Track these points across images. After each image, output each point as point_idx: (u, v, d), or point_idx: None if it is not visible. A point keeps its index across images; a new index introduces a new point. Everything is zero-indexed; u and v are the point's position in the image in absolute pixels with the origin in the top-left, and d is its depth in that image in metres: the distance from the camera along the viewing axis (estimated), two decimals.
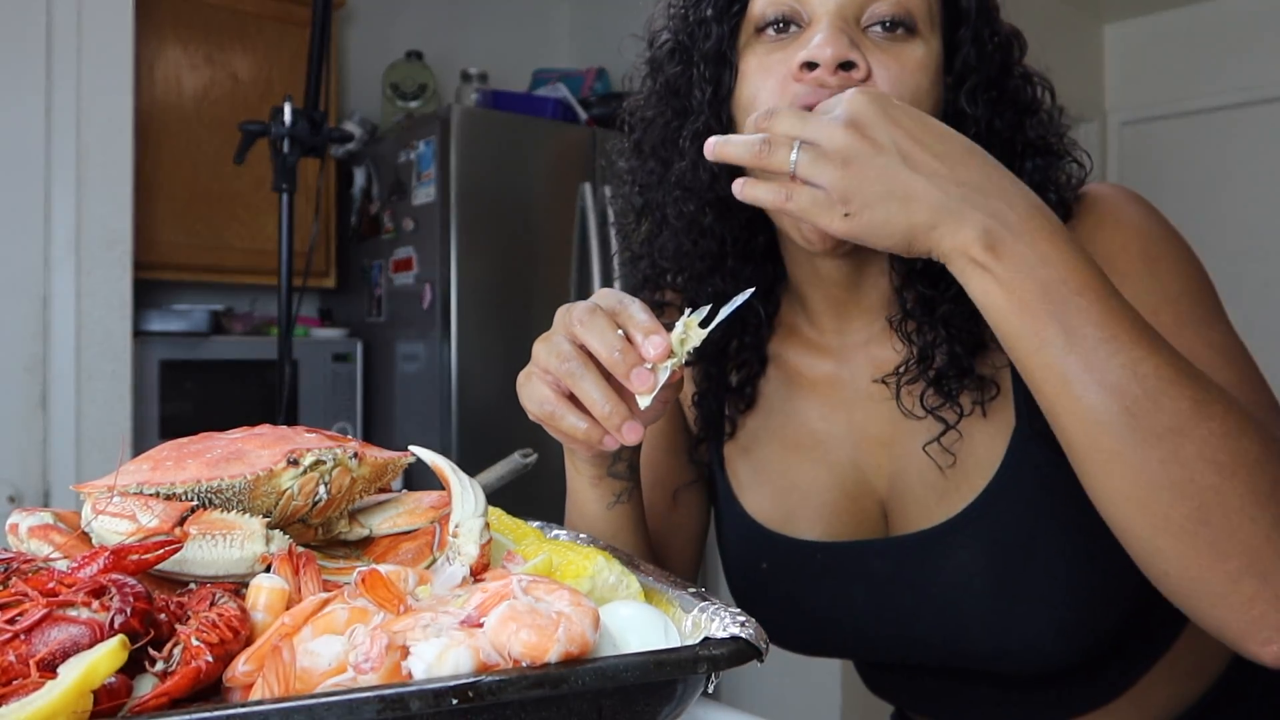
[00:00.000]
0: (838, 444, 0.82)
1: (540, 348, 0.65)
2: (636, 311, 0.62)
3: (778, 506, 0.84)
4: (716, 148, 0.62)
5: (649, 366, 0.60)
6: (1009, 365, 0.74)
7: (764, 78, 0.72)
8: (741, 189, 0.61)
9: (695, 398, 0.87)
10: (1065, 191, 0.75)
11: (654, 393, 0.60)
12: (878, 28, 0.70)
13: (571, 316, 0.63)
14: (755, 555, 0.85)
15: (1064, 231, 0.58)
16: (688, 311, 0.62)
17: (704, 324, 0.61)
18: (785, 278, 0.84)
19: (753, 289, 0.66)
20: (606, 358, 0.61)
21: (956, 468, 0.75)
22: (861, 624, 0.80)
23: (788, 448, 0.84)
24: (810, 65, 0.69)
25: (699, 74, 0.77)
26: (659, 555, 0.90)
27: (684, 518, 0.91)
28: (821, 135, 0.58)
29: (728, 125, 0.77)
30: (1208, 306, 0.71)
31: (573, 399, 0.64)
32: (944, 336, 0.74)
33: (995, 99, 0.74)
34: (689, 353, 0.61)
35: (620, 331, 0.62)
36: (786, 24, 0.73)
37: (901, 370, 0.76)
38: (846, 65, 0.68)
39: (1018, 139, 0.75)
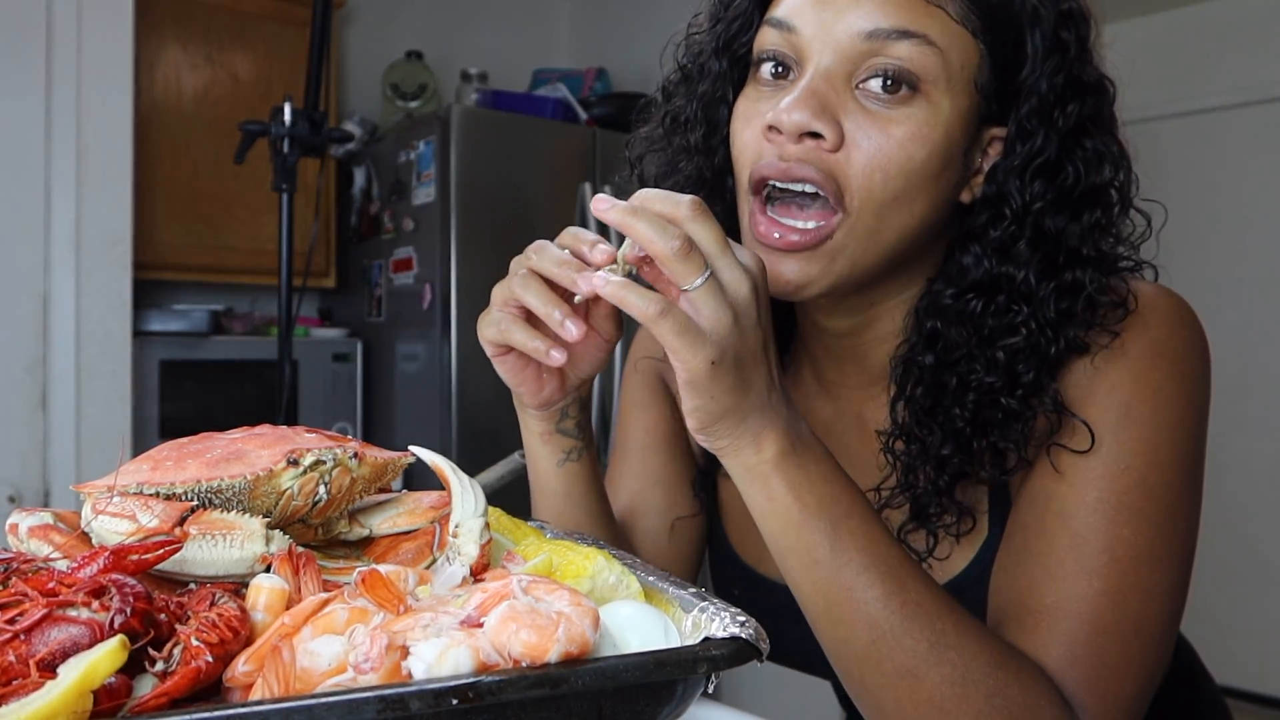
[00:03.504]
0: None
1: (496, 287, 0.66)
2: (581, 232, 0.63)
3: (755, 543, 0.85)
4: (621, 214, 0.55)
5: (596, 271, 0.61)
6: (986, 489, 0.71)
7: (745, 125, 0.70)
8: (607, 285, 0.54)
9: None
10: (1106, 318, 0.66)
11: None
12: (876, 82, 0.64)
13: (524, 253, 0.64)
14: (729, 581, 0.87)
15: (831, 455, 0.61)
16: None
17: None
18: None
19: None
20: (555, 272, 0.60)
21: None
22: (807, 664, 0.82)
23: None
24: (777, 128, 0.65)
25: (694, 112, 0.77)
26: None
27: (681, 547, 0.90)
28: (731, 279, 0.54)
29: (721, 167, 0.76)
30: (1148, 496, 0.64)
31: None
32: (935, 457, 0.69)
33: (1053, 197, 0.67)
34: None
35: (566, 252, 0.62)
36: (784, 67, 0.68)
37: (882, 490, 0.74)
38: (814, 134, 0.64)
39: (1069, 242, 0.67)
